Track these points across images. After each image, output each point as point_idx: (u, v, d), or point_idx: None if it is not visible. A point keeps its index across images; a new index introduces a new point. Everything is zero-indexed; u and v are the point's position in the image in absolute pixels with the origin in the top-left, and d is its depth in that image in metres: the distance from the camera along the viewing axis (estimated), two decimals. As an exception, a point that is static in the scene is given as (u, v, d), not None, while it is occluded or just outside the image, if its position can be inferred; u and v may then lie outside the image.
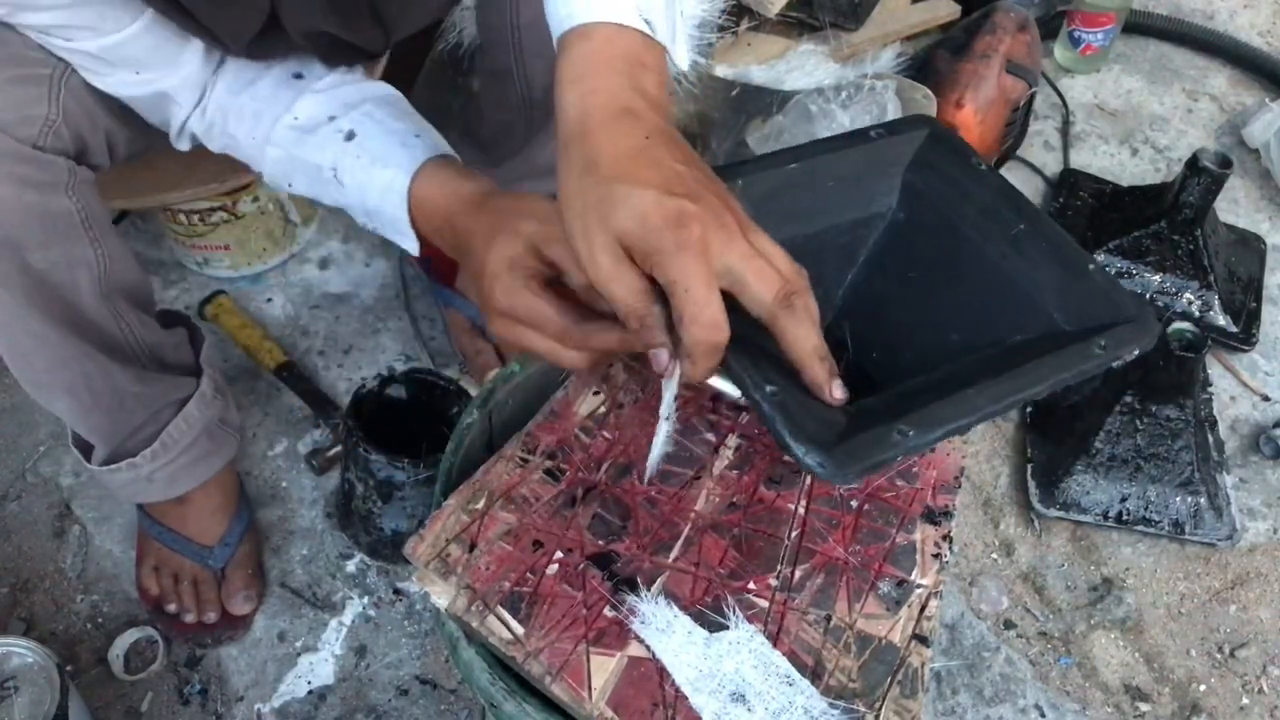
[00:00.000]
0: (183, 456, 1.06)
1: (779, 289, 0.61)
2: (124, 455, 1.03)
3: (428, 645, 1.15)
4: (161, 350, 1.00)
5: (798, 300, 0.62)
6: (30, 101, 0.78)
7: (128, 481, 1.05)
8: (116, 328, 0.93)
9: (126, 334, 0.95)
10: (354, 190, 0.83)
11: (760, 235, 0.63)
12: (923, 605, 0.76)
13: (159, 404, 1.02)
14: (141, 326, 0.96)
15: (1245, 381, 1.48)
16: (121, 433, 1.01)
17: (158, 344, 1.00)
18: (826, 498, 0.81)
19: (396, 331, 1.42)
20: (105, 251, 0.88)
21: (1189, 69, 1.95)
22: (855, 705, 0.70)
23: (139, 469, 1.03)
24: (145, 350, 0.98)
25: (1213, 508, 1.30)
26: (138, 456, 1.02)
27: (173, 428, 1.03)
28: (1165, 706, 1.18)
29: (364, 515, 1.16)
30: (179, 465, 1.06)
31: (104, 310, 0.91)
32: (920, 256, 0.80)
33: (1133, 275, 1.52)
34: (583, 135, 0.63)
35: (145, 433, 1.02)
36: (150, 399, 1.01)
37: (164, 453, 1.04)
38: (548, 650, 0.70)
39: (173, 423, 1.03)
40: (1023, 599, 1.24)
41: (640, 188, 0.60)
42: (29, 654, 0.96)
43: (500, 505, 0.77)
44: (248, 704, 1.11)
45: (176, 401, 1.03)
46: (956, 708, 1.15)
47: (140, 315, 0.96)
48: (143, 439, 1.02)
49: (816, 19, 1.65)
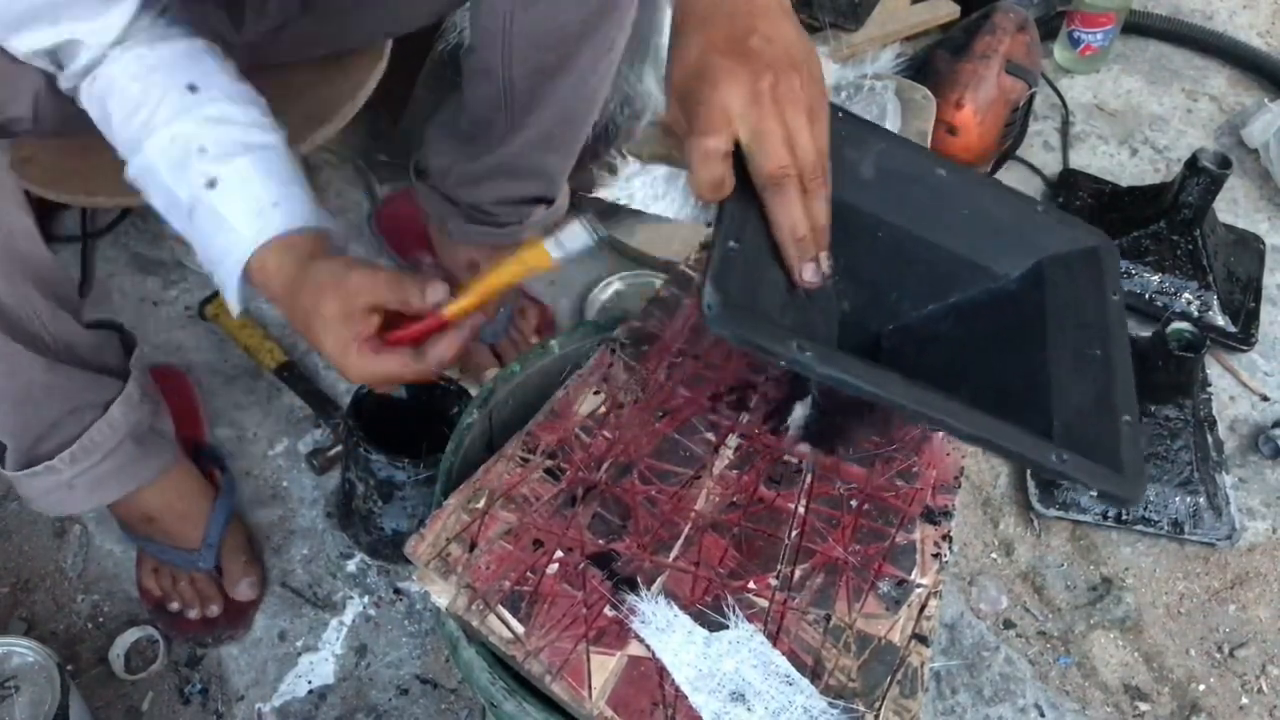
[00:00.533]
0: (106, 462, 1.00)
1: (777, 167, 0.66)
2: (40, 458, 0.97)
3: (428, 645, 1.15)
4: (77, 346, 0.96)
5: (790, 183, 0.66)
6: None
7: (47, 489, 0.99)
8: (20, 310, 0.89)
9: (32, 319, 0.90)
10: (201, 236, 0.85)
11: (819, 122, 0.68)
12: (922, 605, 0.76)
13: (75, 403, 0.97)
14: (52, 317, 0.92)
15: (1244, 381, 1.48)
16: (32, 431, 0.96)
17: (72, 338, 0.95)
18: (827, 497, 0.81)
19: (397, 331, 1.42)
20: (7, 225, 0.86)
21: (1188, 69, 1.95)
22: (855, 705, 0.70)
23: (58, 474, 0.98)
24: (55, 341, 0.93)
25: (1212, 507, 1.30)
26: (55, 460, 0.97)
27: (94, 430, 0.97)
28: (1165, 706, 1.18)
29: (364, 515, 1.17)
30: (102, 471, 1.00)
31: (10, 291, 0.87)
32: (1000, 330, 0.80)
33: (1132, 275, 1.52)
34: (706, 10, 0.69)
35: (62, 435, 0.97)
36: (64, 396, 0.95)
37: (84, 457, 0.98)
38: (548, 649, 0.70)
39: (95, 425, 0.97)
40: (1022, 599, 1.24)
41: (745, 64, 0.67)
42: (30, 653, 0.96)
43: (500, 505, 0.77)
44: (248, 703, 1.11)
45: (100, 403, 0.98)
46: (956, 707, 1.15)
47: (50, 305, 0.92)
48: (59, 442, 0.97)
49: (816, 19, 1.66)
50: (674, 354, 0.89)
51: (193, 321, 1.41)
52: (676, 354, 0.89)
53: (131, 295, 1.43)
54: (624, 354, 0.89)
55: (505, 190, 1.24)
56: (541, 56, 1.11)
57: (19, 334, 0.89)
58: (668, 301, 0.94)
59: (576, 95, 1.17)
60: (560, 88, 1.15)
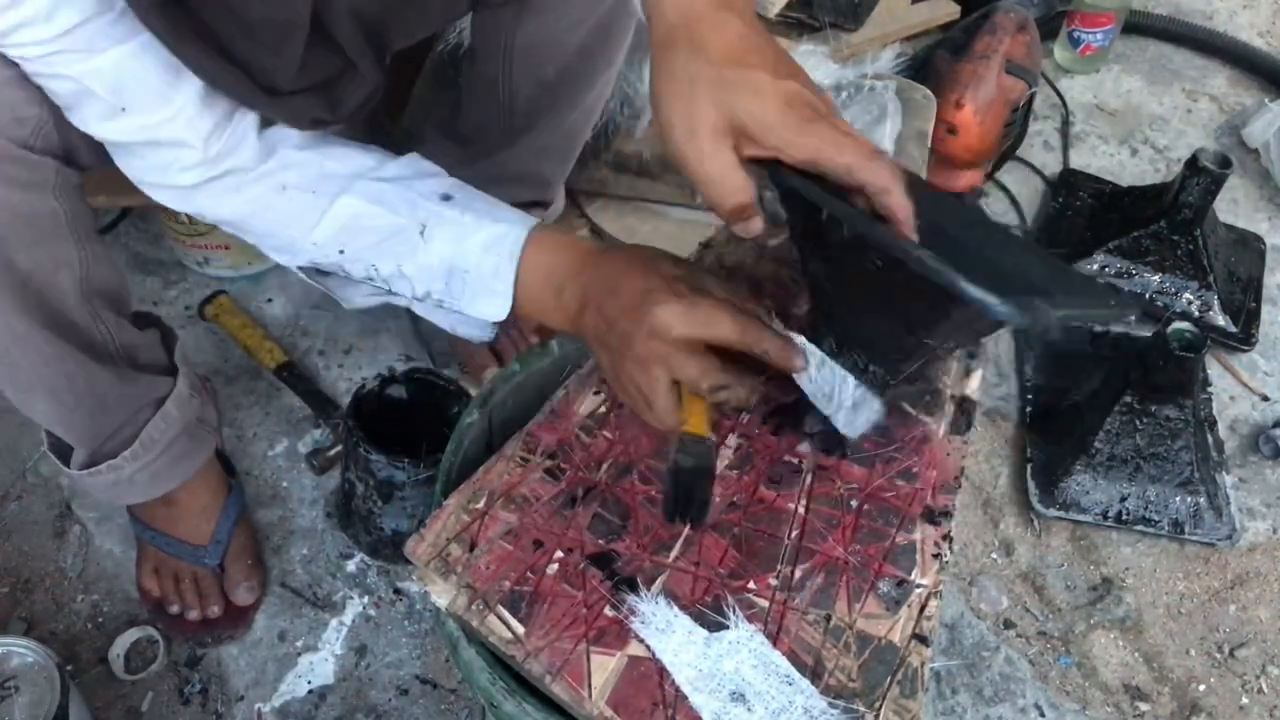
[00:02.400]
0: (163, 456, 1.05)
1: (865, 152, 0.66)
2: (104, 457, 1.02)
3: (428, 645, 1.15)
4: (136, 351, 1.00)
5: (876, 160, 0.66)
6: (22, 103, 0.78)
7: (109, 484, 1.04)
8: (96, 329, 0.93)
9: (104, 335, 0.94)
10: (445, 247, 0.82)
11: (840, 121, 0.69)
12: (922, 605, 0.76)
13: (137, 404, 1.01)
14: (118, 328, 0.96)
15: (1245, 381, 1.48)
16: (101, 434, 1.01)
17: (133, 345, 0.99)
18: (827, 497, 0.81)
19: (397, 331, 1.42)
20: (88, 253, 0.88)
21: (1188, 69, 1.95)
22: (855, 705, 0.70)
23: (120, 470, 1.02)
24: (122, 351, 0.97)
25: (1212, 507, 1.30)
26: (118, 458, 1.01)
27: (151, 427, 1.02)
28: (1165, 706, 1.18)
29: (364, 515, 1.17)
30: (160, 465, 1.05)
31: (84, 311, 0.91)
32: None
33: (1132, 275, 1.52)
34: (687, 25, 0.67)
35: (124, 434, 1.01)
36: (129, 399, 1.00)
37: (144, 453, 1.03)
38: (548, 649, 0.70)
39: (151, 422, 1.02)
40: (1022, 599, 1.24)
41: (754, 70, 0.65)
42: (29, 654, 0.96)
43: (500, 505, 0.77)
44: (248, 703, 1.11)
45: (154, 401, 1.02)
46: (956, 707, 1.15)
47: (117, 317, 0.95)
48: (122, 440, 1.02)
49: (816, 19, 1.65)
50: (674, 354, 0.89)
51: (193, 321, 1.41)
52: (676, 354, 0.89)
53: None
54: (624, 354, 0.89)
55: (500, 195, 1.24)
56: (542, 70, 1.11)
57: (96, 354, 0.94)
58: (668, 301, 0.94)
59: (575, 107, 1.18)
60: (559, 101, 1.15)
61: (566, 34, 1.08)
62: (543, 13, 1.06)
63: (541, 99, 1.14)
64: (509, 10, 1.07)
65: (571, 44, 1.09)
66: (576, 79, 1.14)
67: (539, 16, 1.07)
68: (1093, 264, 1.53)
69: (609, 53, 1.14)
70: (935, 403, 0.89)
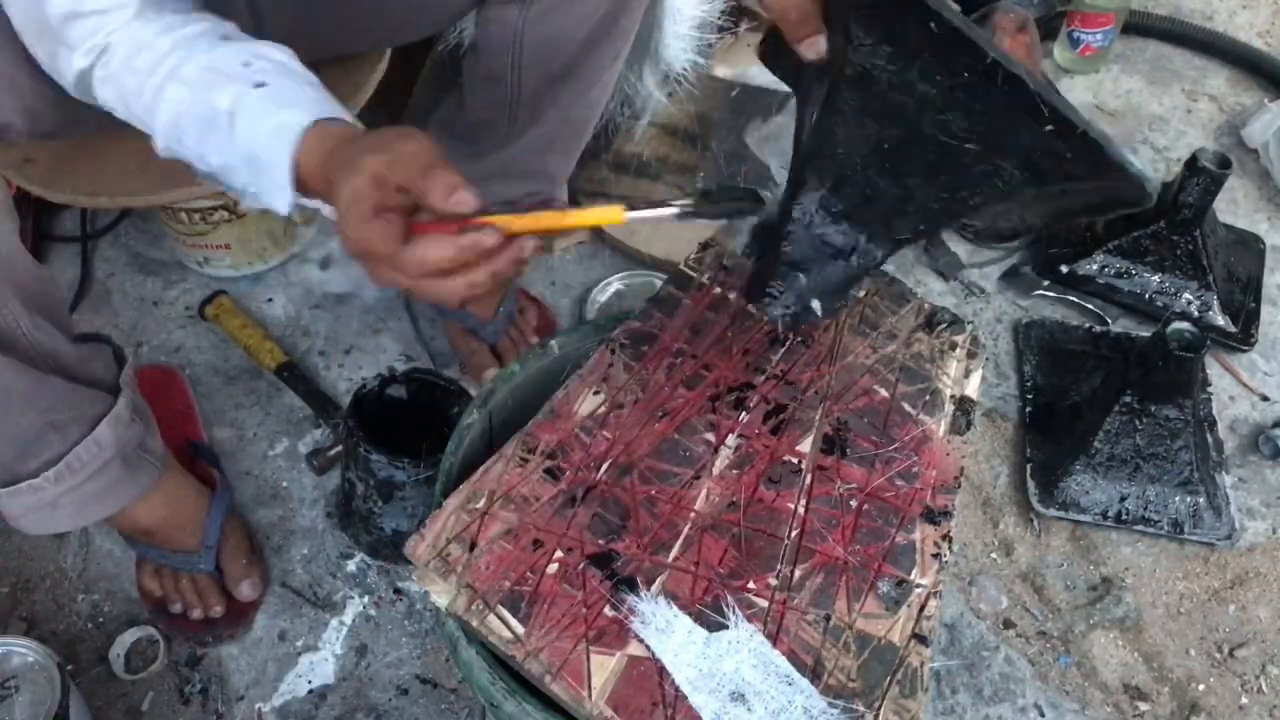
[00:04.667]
0: (92, 482, 0.96)
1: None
2: (23, 476, 0.93)
3: (428, 645, 1.15)
4: (62, 358, 0.94)
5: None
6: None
7: (29, 507, 0.95)
8: (2, 320, 0.87)
9: (14, 328, 0.88)
10: (244, 137, 0.78)
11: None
12: (922, 605, 0.76)
13: (58, 416, 0.93)
14: (35, 328, 0.90)
15: (1244, 381, 1.48)
16: (12, 444, 0.92)
17: (55, 350, 0.93)
18: (827, 497, 0.81)
19: (397, 331, 1.42)
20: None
21: (1188, 69, 1.95)
22: (854, 704, 0.70)
23: (41, 492, 0.94)
24: (35, 348, 0.91)
25: (1212, 507, 1.30)
26: (39, 478, 0.93)
27: (81, 449, 0.94)
28: (1164, 706, 1.18)
29: (364, 515, 1.17)
30: (88, 491, 0.97)
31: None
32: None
33: (1132, 275, 1.52)
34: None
35: (48, 452, 0.93)
36: (45, 403, 0.91)
37: (70, 475, 0.94)
38: (548, 649, 0.70)
39: (81, 444, 0.94)
40: (1022, 598, 1.24)
41: None
42: (30, 653, 0.96)
43: (500, 505, 0.77)
44: (248, 703, 1.11)
45: (88, 419, 0.95)
46: (956, 707, 1.15)
47: (29, 313, 0.89)
48: (45, 460, 0.93)
49: (816, 19, 1.65)
50: (674, 354, 0.89)
51: (193, 321, 1.41)
52: (676, 354, 0.89)
53: (131, 295, 1.43)
54: (624, 354, 0.89)
55: (505, 191, 1.24)
56: (548, 65, 1.11)
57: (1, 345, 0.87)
58: (668, 301, 0.94)
59: (581, 102, 1.18)
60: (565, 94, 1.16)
61: (575, 27, 1.08)
62: (552, 7, 1.06)
63: (548, 92, 1.14)
64: (516, 5, 1.07)
65: (579, 36, 1.09)
66: (583, 71, 1.14)
67: (549, 10, 1.07)
68: (1092, 264, 1.53)
69: (615, 45, 1.14)
70: (935, 403, 0.90)
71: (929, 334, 0.96)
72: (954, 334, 0.96)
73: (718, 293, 0.95)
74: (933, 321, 0.97)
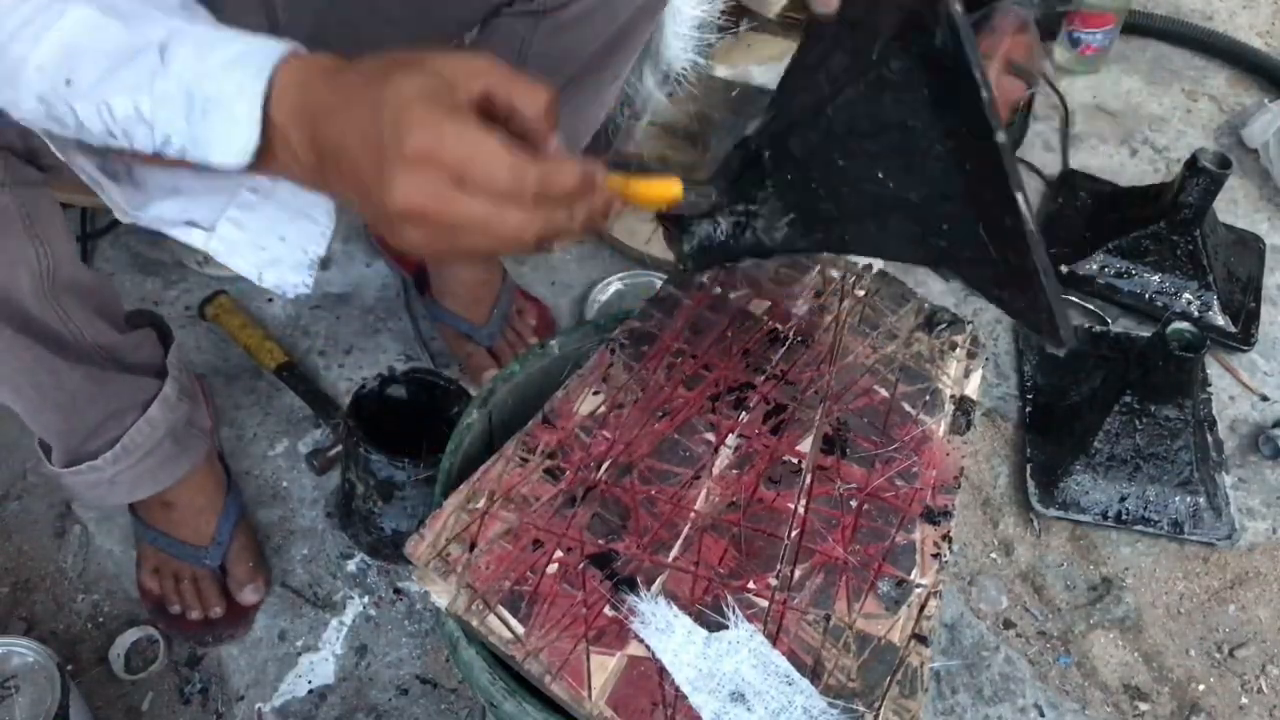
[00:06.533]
0: (146, 460, 1.04)
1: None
2: (85, 457, 1.01)
3: (428, 645, 1.15)
4: (119, 352, 0.98)
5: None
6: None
7: (89, 485, 1.03)
8: (64, 327, 0.91)
9: (75, 334, 0.92)
10: (182, 71, 0.60)
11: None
12: (922, 605, 0.76)
13: (117, 405, 1.00)
14: (92, 328, 0.94)
15: (1244, 381, 1.48)
16: (78, 433, 0.99)
17: (113, 345, 0.97)
18: (827, 497, 0.81)
19: (397, 331, 1.42)
20: (49, 251, 0.85)
21: (1188, 69, 1.95)
22: (855, 705, 0.70)
23: (101, 472, 1.02)
24: (98, 351, 0.95)
25: (1212, 507, 1.30)
26: (99, 459, 1.00)
27: (135, 431, 1.01)
28: (1164, 706, 1.18)
29: (364, 515, 1.17)
30: (142, 469, 1.04)
31: (48, 309, 0.89)
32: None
33: (1132, 275, 1.52)
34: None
35: (107, 435, 1.00)
36: (106, 400, 0.98)
37: (125, 456, 1.02)
38: (547, 649, 0.70)
39: (135, 426, 1.01)
40: (1022, 598, 1.25)
41: None
42: (30, 653, 0.96)
43: (500, 505, 0.77)
44: (248, 703, 1.11)
45: (140, 404, 1.01)
46: (956, 707, 1.15)
47: (91, 317, 0.93)
48: (104, 441, 1.00)
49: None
50: (674, 354, 0.89)
51: (193, 321, 1.41)
52: (676, 354, 0.89)
53: (131, 295, 1.43)
54: (624, 354, 0.89)
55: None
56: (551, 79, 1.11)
57: (63, 351, 0.92)
58: (667, 301, 0.94)
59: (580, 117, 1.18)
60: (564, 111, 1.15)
61: (581, 46, 1.08)
62: (560, 25, 1.06)
63: None
64: (524, 21, 1.07)
65: (584, 55, 1.09)
66: (583, 90, 1.13)
67: (557, 28, 1.06)
68: (1092, 264, 1.53)
69: (617, 65, 1.14)
70: (935, 403, 0.90)
71: (929, 334, 0.96)
72: (954, 334, 0.96)
73: (718, 293, 0.95)
74: (933, 321, 0.97)
